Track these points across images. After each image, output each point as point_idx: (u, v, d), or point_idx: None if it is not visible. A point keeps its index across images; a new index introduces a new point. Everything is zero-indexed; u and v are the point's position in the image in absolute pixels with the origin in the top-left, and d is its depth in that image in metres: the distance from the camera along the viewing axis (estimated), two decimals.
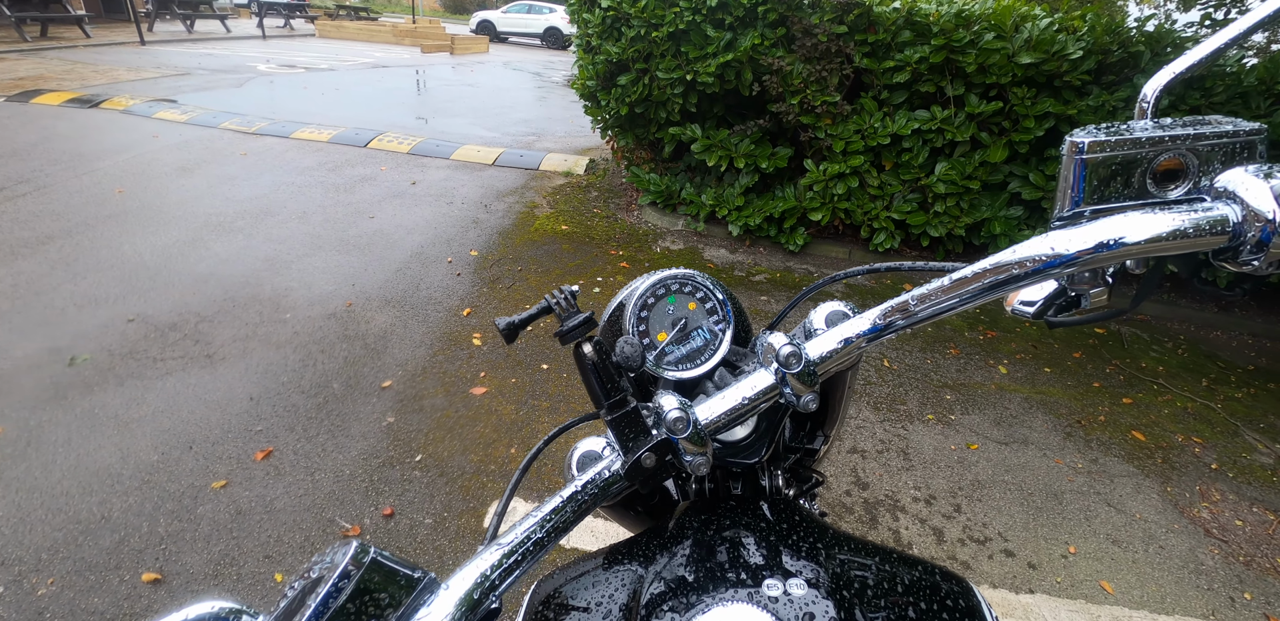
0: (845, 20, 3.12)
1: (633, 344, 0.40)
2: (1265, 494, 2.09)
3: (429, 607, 0.29)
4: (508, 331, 0.39)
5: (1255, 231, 0.33)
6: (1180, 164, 0.37)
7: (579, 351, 0.39)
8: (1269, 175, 0.34)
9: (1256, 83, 2.99)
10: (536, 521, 0.35)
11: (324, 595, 0.27)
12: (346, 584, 0.27)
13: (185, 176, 4.15)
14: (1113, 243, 0.34)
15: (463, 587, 0.30)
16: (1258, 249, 0.33)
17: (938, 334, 2.95)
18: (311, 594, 0.27)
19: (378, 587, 0.28)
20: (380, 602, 0.28)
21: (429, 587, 0.30)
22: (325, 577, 0.27)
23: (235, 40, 12.37)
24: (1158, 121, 0.37)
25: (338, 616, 0.27)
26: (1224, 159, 0.37)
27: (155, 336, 2.42)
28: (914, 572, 0.40)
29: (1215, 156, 0.36)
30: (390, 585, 0.29)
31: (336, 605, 0.27)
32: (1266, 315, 3.51)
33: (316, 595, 0.27)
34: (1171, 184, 0.37)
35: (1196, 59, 0.41)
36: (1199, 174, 0.37)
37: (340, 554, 0.28)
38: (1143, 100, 0.42)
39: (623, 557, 0.43)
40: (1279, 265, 0.34)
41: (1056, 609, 1.59)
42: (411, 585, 0.29)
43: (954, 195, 3.38)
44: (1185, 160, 0.36)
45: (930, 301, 0.39)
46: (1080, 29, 3.00)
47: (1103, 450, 2.21)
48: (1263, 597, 1.71)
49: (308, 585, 0.28)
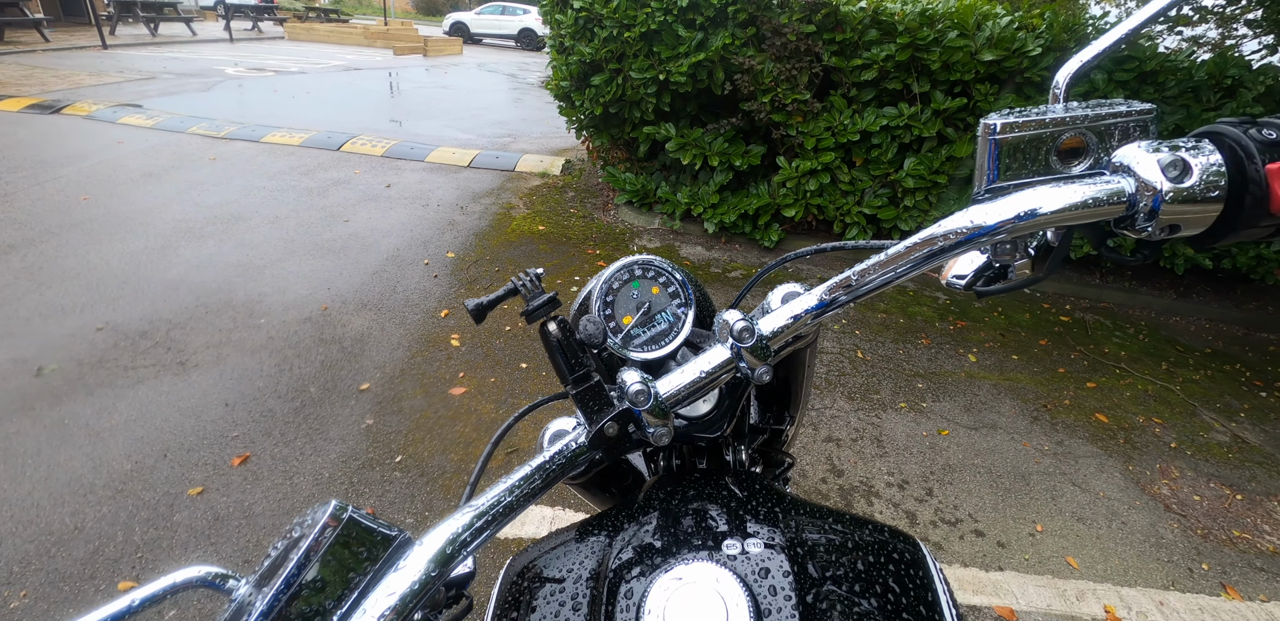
0: (813, 20, 3.17)
1: (595, 322, 0.42)
2: (1221, 470, 2.18)
3: (405, 560, 0.31)
4: (476, 311, 0.41)
5: (1147, 201, 0.36)
6: (1082, 142, 0.40)
7: (544, 329, 0.41)
8: (1157, 150, 0.36)
9: (1206, 77, 3.11)
10: (506, 487, 0.37)
11: (305, 549, 0.29)
12: (326, 538, 0.29)
13: (153, 182, 4.07)
14: (1025, 214, 0.37)
15: (435, 545, 0.32)
16: (1150, 216, 0.36)
17: (909, 325, 3.02)
18: (294, 549, 0.29)
19: (355, 543, 0.30)
20: (359, 556, 0.30)
21: (404, 544, 0.32)
22: (305, 534, 0.29)
23: (201, 43, 12.12)
24: (1069, 104, 0.40)
25: (319, 569, 0.29)
26: (1120, 136, 0.40)
27: (126, 345, 2.38)
28: (864, 531, 0.43)
29: (1112, 134, 0.39)
30: (367, 541, 0.31)
31: (317, 558, 0.29)
32: (1221, 300, 3.66)
33: (298, 549, 0.29)
34: (1075, 160, 0.40)
35: (1102, 48, 0.44)
36: (1098, 150, 0.40)
37: (320, 512, 0.30)
38: (1055, 87, 0.45)
39: (594, 530, 0.45)
40: (1169, 231, 0.37)
41: (1025, 585, 1.65)
42: (388, 542, 0.31)
43: (922, 189, 3.46)
44: (1086, 138, 0.39)
45: (870, 275, 0.41)
46: (1039, 27, 3.09)
47: (1068, 432, 2.29)
48: (1219, 568, 1.80)
49: (289, 543, 0.30)
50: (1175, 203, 0.35)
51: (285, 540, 0.30)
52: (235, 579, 0.29)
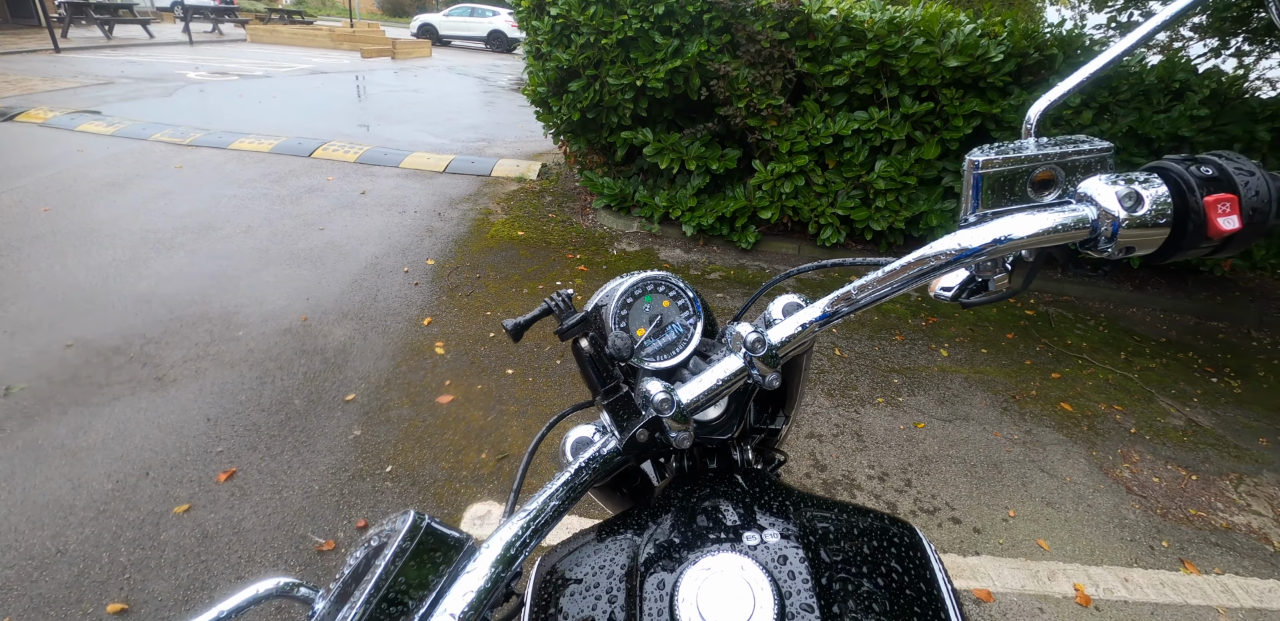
0: (786, 27, 3.25)
1: (623, 337, 0.46)
2: (1178, 452, 2.32)
3: (474, 563, 0.35)
4: (514, 331, 0.44)
5: (1107, 226, 0.41)
6: (1051, 175, 0.45)
7: (577, 346, 0.45)
8: (1115, 183, 0.42)
9: (1156, 81, 3.28)
10: (549, 494, 0.41)
11: (390, 556, 0.32)
12: (408, 546, 0.32)
13: (117, 192, 3.96)
14: (1004, 238, 0.42)
15: (498, 548, 0.36)
16: (1110, 240, 0.42)
17: (884, 322, 3.12)
18: (378, 556, 0.32)
19: (431, 549, 0.33)
20: (435, 560, 0.33)
21: (472, 549, 0.35)
22: (388, 543, 0.32)
23: (160, 46, 11.76)
24: (1037, 140, 0.46)
25: (401, 573, 0.32)
26: (1084, 170, 0.45)
27: (98, 361, 2.32)
28: (867, 520, 0.47)
29: (1078, 168, 0.45)
30: (441, 547, 0.34)
31: (400, 565, 0.32)
32: (1175, 292, 3.85)
33: (383, 556, 0.32)
34: (1046, 190, 0.45)
35: (1067, 89, 0.49)
36: (1066, 182, 0.45)
37: (399, 522, 0.33)
38: (1027, 122, 0.50)
39: (617, 530, 0.48)
40: (1126, 251, 0.43)
41: (1000, 567, 1.74)
42: (459, 546, 0.35)
43: (893, 191, 3.56)
44: (1055, 172, 0.45)
45: (869, 290, 0.46)
46: (1000, 34, 3.22)
47: (1035, 422, 2.40)
48: (1178, 544, 1.91)
49: (370, 551, 0.33)
50: (1130, 228, 0.41)
51: (365, 549, 0.33)
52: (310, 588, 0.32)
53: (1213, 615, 1.68)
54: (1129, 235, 0.41)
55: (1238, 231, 0.39)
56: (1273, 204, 0.40)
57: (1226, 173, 0.40)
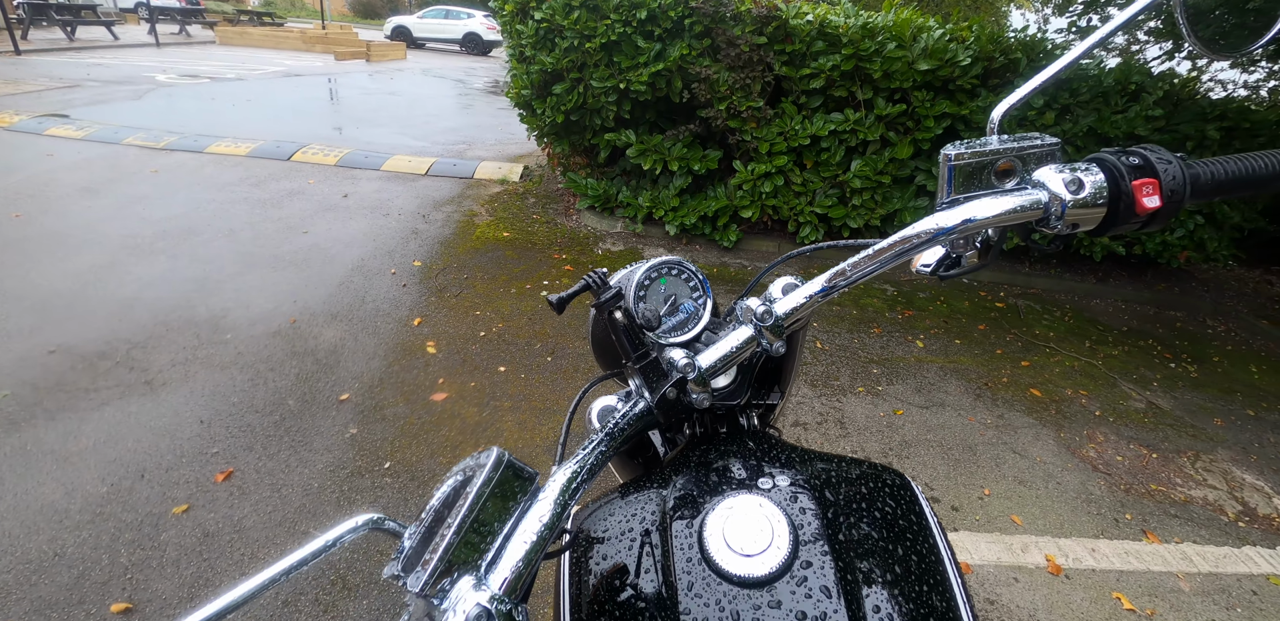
0: (765, 32, 3.34)
1: (652, 309, 0.55)
2: (1140, 433, 2.46)
3: (543, 494, 0.41)
4: (558, 304, 0.50)
5: (1057, 207, 0.49)
6: (1011, 166, 0.53)
7: (612, 317, 0.51)
8: (1062, 171, 0.50)
9: (1114, 83, 3.45)
10: (594, 443, 0.47)
11: (477, 487, 0.37)
12: (493, 477, 0.38)
13: (91, 197, 3.89)
14: (973, 218, 0.49)
15: (559, 484, 0.42)
16: (1059, 218, 0.50)
17: (862, 316, 3.23)
18: (466, 487, 0.37)
19: (509, 480, 0.39)
20: (513, 491, 0.39)
21: (539, 486, 0.41)
22: (474, 477, 0.38)
23: (126, 48, 11.48)
24: (1000, 137, 0.53)
25: (487, 502, 0.37)
26: (1037, 161, 0.53)
27: (83, 367, 2.30)
28: (862, 468, 0.54)
29: (1032, 160, 0.53)
30: (517, 480, 0.39)
31: (486, 495, 0.37)
32: (1135, 283, 4.04)
33: (471, 487, 0.37)
34: (1007, 179, 0.53)
35: (1025, 92, 0.57)
36: (1023, 172, 0.53)
37: (484, 457, 0.39)
38: (991, 122, 0.58)
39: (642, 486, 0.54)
40: (1072, 227, 0.51)
41: (977, 542, 1.84)
42: (531, 479, 0.40)
43: (869, 189, 3.68)
44: (1014, 163, 0.53)
45: (860, 267, 0.53)
46: (968, 39, 3.35)
47: (1007, 407, 2.53)
48: (1140, 516, 2.05)
49: (456, 485, 0.38)
50: (1075, 208, 0.49)
51: (450, 484, 0.39)
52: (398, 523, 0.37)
53: (1173, 580, 1.80)
54: (1074, 214, 0.49)
55: (1159, 209, 0.48)
56: (1186, 186, 0.48)
57: (1150, 162, 0.48)
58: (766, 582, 0.42)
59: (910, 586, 0.43)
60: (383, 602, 1.52)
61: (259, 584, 0.33)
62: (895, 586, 0.43)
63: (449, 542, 0.35)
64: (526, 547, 0.37)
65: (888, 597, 0.42)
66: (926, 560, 0.45)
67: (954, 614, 0.43)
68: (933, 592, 0.43)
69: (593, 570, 0.48)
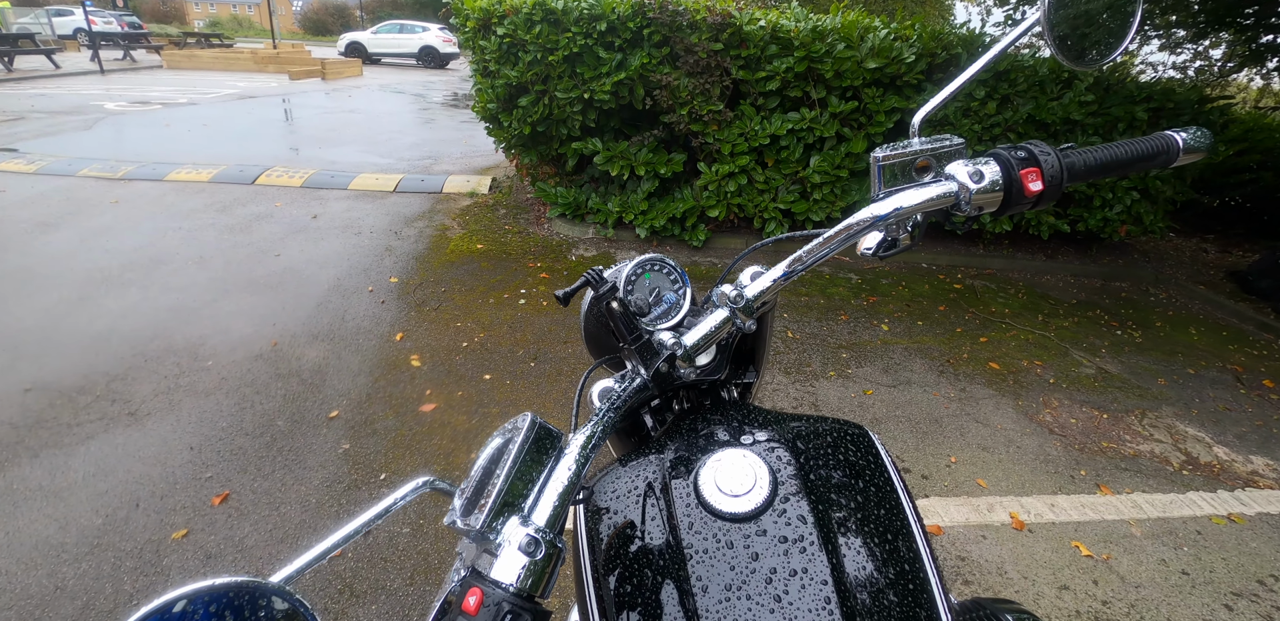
0: (721, 38, 3.47)
1: (643, 298, 0.66)
2: (1091, 396, 2.65)
3: (569, 450, 0.49)
4: (563, 298, 0.58)
5: (965, 194, 0.59)
6: (928, 163, 0.63)
7: (609, 306, 0.60)
8: (967, 165, 0.60)
9: (1049, 73, 3.66)
10: (604, 411, 0.55)
11: (517, 447, 0.45)
12: (530, 435, 0.46)
13: (50, 231, 3.82)
14: (902, 207, 0.59)
15: (579, 443, 0.50)
16: (968, 203, 0.60)
17: (829, 305, 3.36)
18: (507, 447, 0.45)
19: (541, 438, 0.47)
20: (545, 447, 0.47)
21: (564, 441, 0.50)
22: (512, 439, 0.46)
23: (69, 77, 11.17)
24: (920, 139, 0.64)
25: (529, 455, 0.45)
26: (948, 158, 0.64)
27: (63, 402, 2.28)
28: (828, 424, 0.63)
29: (944, 157, 0.63)
30: (547, 439, 0.48)
31: (524, 454, 0.45)
32: (1081, 258, 4.27)
33: (512, 446, 0.45)
34: (925, 174, 0.64)
35: (939, 100, 0.67)
36: (937, 167, 0.63)
37: (521, 421, 0.47)
38: (912, 127, 0.68)
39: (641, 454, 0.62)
40: (979, 210, 0.61)
41: (947, 506, 1.98)
42: (558, 438, 0.49)
43: (828, 183, 3.83)
44: (930, 161, 0.63)
45: (814, 252, 0.62)
46: (912, 37, 3.53)
47: (968, 380, 2.69)
48: (1093, 472, 2.23)
49: (499, 447, 0.47)
50: (979, 194, 0.59)
51: (491, 448, 0.47)
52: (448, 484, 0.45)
53: (1125, 526, 1.97)
54: (978, 199, 0.59)
55: (1043, 191, 0.59)
56: (1063, 172, 0.59)
57: (1033, 154, 0.59)
58: (753, 517, 0.50)
59: (869, 512, 0.52)
60: (390, 607, 1.57)
61: (334, 542, 0.41)
62: (857, 512, 0.52)
63: (499, 488, 0.43)
64: (560, 490, 0.46)
65: (852, 522, 0.51)
66: (883, 491, 0.55)
67: (906, 531, 0.52)
68: (889, 517, 0.53)
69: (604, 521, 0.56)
